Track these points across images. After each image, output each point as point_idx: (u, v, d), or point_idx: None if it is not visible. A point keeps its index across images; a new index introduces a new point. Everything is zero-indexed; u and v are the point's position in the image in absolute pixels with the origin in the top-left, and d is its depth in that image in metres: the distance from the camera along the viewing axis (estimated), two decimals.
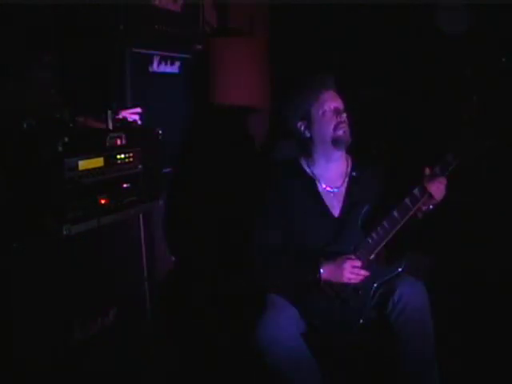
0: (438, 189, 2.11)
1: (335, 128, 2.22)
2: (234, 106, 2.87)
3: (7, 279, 1.68)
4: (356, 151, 2.35)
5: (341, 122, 2.21)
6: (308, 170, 2.30)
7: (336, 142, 2.23)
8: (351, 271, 2.10)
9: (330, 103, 2.23)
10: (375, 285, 2.13)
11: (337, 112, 2.22)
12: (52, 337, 1.80)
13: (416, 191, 2.13)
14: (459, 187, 2.74)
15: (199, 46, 2.80)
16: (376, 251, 2.15)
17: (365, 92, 3.17)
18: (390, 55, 3.13)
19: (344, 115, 2.22)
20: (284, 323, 2.03)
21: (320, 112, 2.23)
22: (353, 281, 2.11)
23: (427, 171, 2.15)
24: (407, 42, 3.06)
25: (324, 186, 2.28)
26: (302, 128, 2.27)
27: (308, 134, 2.27)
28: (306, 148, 2.31)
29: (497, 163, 2.79)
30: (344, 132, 2.22)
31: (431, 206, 2.15)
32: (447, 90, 2.97)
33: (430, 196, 2.11)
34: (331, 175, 2.30)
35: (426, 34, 3.00)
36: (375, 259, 2.16)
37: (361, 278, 2.11)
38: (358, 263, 2.12)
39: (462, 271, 2.80)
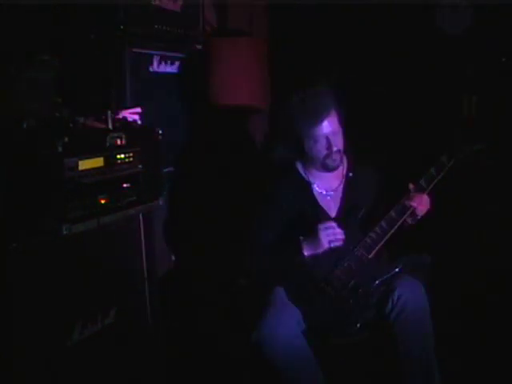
0: (420, 205, 2.16)
1: (325, 157, 2.22)
2: (233, 106, 2.87)
3: (7, 279, 1.68)
4: (356, 151, 2.36)
5: (331, 153, 2.21)
6: (303, 173, 2.32)
7: (325, 166, 2.25)
8: (327, 234, 2.11)
9: (324, 133, 2.19)
10: (376, 282, 2.13)
11: (328, 142, 2.19)
12: (52, 337, 1.80)
13: (413, 189, 2.16)
14: (458, 187, 2.75)
15: (199, 46, 2.80)
16: (375, 251, 2.16)
17: (364, 92, 3.17)
18: (390, 55, 3.12)
19: (334, 148, 2.19)
20: (285, 322, 2.03)
21: (311, 142, 2.21)
22: (334, 243, 2.11)
23: (411, 186, 2.18)
24: (407, 41, 3.06)
25: (319, 189, 2.30)
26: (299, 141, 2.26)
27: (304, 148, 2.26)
28: (303, 154, 2.31)
29: (496, 162, 2.80)
30: (333, 161, 2.23)
31: (418, 217, 2.19)
32: (447, 90, 2.97)
33: (414, 211, 2.16)
34: (326, 181, 2.31)
35: (426, 33, 3.00)
36: (375, 258, 2.16)
37: (341, 238, 2.11)
38: (331, 223, 2.13)
39: (462, 271, 2.80)
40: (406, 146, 2.98)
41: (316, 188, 2.29)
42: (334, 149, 2.20)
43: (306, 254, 2.12)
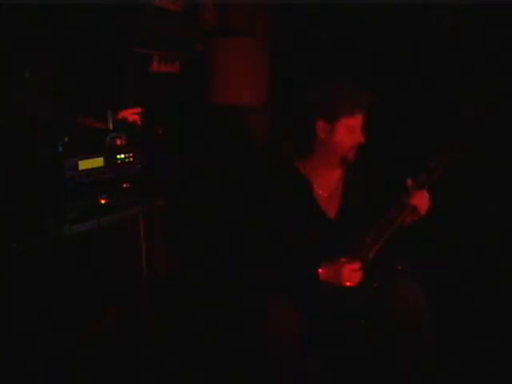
0: (421, 202, 2.12)
1: (350, 148, 2.18)
2: (233, 106, 2.87)
3: (7, 279, 1.68)
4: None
5: (357, 145, 2.18)
6: (303, 173, 2.30)
7: (342, 159, 2.21)
8: (350, 276, 2.10)
9: (360, 124, 2.15)
10: (378, 279, 2.13)
11: (361, 134, 2.16)
12: (52, 337, 1.80)
13: (411, 186, 2.16)
14: (458, 187, 2.75)
15: (199, 46, 2.80)
16: (375, 249, 2.15)
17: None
18: (389, 55, 3.13)
19: (363, 141, 2.17)
20: (286, 322, 2.03)
21: (349, 125, 2.15)
22: (350, 284, 2.10)
23: (409, 183, 2.16)
24: (407, 41, 3.07)
25: (319, 189, 2.29)
26: (320, 128, 2.17)
27: (323, 136, 2.18)
28: (309, 149, 2.27)
29: (496, 162, 2.80)
30: (354, 155, 2.20)
31: (416, 218, 2.18)
32: (447, 91, 2.97)
33: (414, 209, 2.12)
34: (327, 180, 2.29)
35: (426, 34, 3.00)
36: (376, 257, 2.16)
37: (358, 280, 2.11)
38: (357, 266, 2.11)
39: (463, 271, 2.80)
40: (406, 146, 2.98)
41: (315, 188, 2.28)
42: (362, 142, 2.16)
43: (321, 278, 2.09)
